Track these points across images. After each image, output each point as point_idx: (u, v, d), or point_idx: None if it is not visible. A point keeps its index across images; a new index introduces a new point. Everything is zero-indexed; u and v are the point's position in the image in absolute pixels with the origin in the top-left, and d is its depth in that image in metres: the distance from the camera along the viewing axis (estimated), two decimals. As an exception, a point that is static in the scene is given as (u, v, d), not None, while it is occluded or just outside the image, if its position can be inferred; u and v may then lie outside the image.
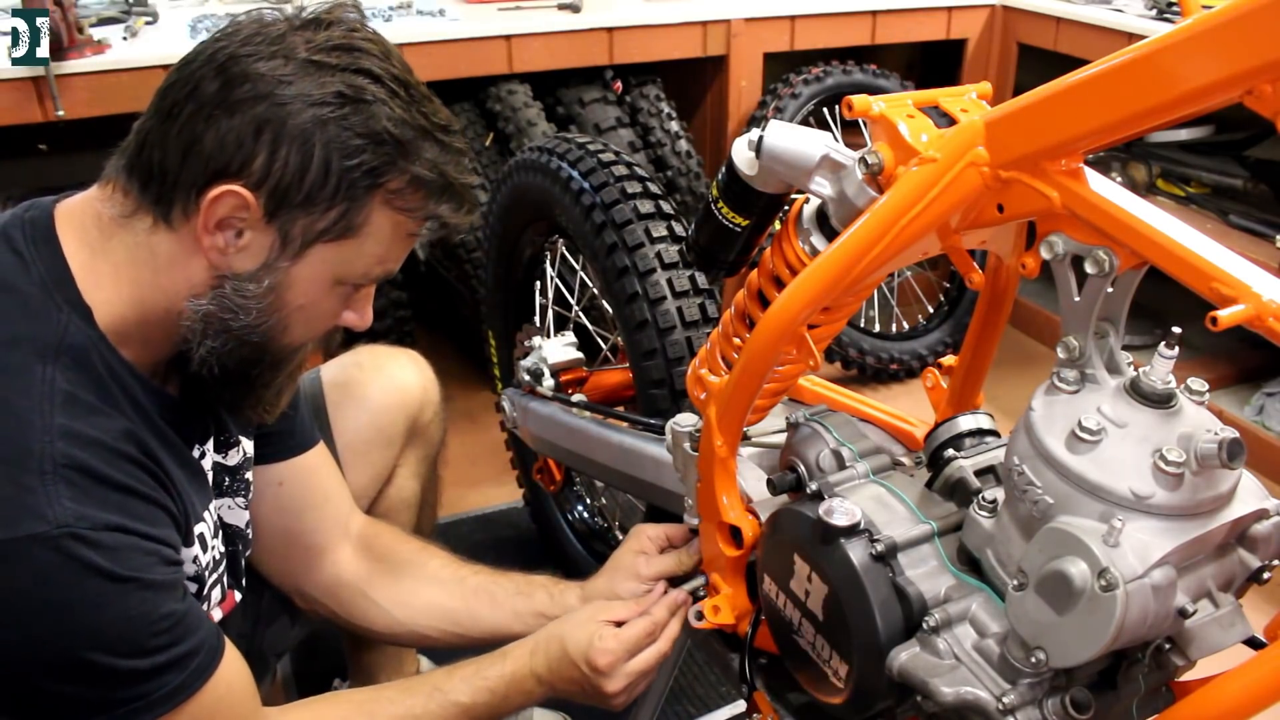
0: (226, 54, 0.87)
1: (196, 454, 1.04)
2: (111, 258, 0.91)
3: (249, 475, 1.16)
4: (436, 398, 1.48)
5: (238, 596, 1.15)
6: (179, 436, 0.99)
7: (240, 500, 1.15)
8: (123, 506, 0.87)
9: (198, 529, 1.01)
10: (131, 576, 0.85)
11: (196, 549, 1.01)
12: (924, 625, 0.87)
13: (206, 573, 1.04)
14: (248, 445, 1.15)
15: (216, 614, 1.09)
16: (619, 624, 1.12)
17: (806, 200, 1.02)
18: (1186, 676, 0.87)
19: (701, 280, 1.42)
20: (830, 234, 0.98)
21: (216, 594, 1.08)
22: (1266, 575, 0.82)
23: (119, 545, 0.85)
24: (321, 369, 1.41)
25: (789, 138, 0.99)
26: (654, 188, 1.49)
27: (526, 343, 1.76)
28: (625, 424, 1.45)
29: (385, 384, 1.41)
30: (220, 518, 1.10)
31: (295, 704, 1.07)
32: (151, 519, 0.90)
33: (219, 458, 1.10)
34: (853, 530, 0.90)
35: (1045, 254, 0.81)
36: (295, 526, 1.25)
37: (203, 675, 0.91)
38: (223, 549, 1.10)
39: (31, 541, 0.81)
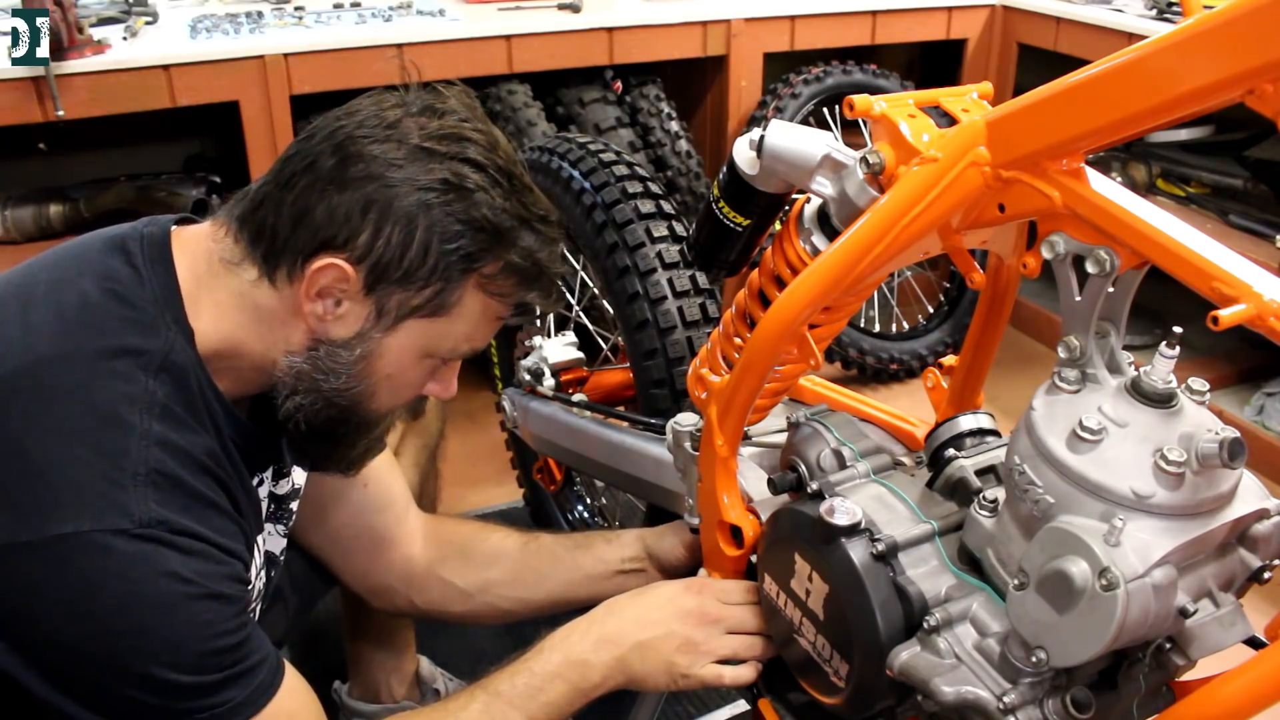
0: (344, 134, 0.92)
1: (255, 482, 1.07)
2: (215, 295, 0.95)
3: (294, 505, 1.19)
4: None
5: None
6: (245, 464, 1.02)
7: (281, 528, 1.18)
8: (204, 518, 0.90)
9: (253, 556, 1.04)
10: (203, 584, 0.88)
11: (251, 573, 1.03)
12: (925, 625, 0.87)
13: (253, 598, 1.06)
14: (298, 476, 1.18)
15: None
16: None
17: (807, 200, 1.02)
18: (1186, 676, 0.87)
19: (702, 280, 1.42)
20: (831, 234, 0.98)
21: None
22: (1267, 575, 0.82)
23: (196, 551, 0.88)
24: None
25: (790, 137, 0.99)
26: (655, 187, 1.49)
27: (527, 342, 1.76)
28: (626, 424, 1.45)
29: None
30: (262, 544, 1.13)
31: None
32: (229, 534, 0.93)
33: (273, 486, 1.13)
34: (853, 530, 0.90)
35: (1046, 254, 0.81)
36: (379, 524, 1.29)
37: (267, 693, 0.93)
38: (265, 577, 1.12)
39: (115, 535, 0.84)
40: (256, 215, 0.94)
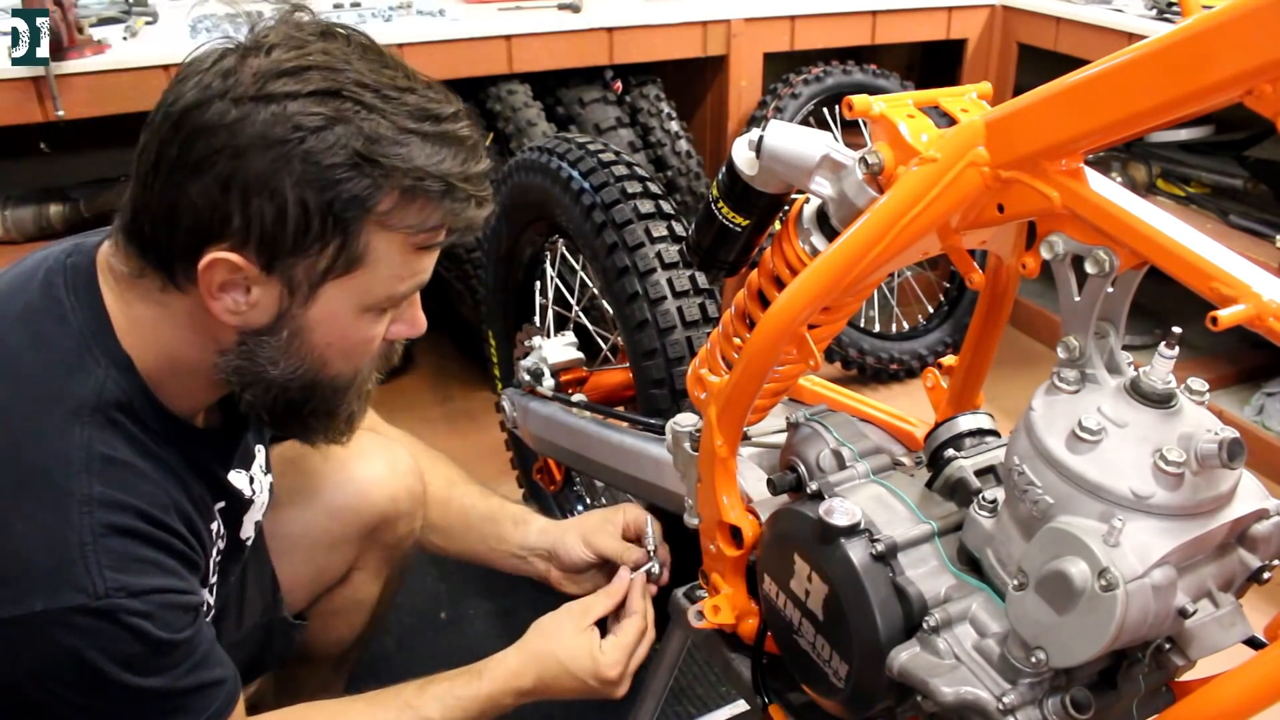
0: (179, 109, 0.83)
1: (240, 480, 1.06)
2: (137, 311, 0.90)
3: (269, 485, 1.18)
4: (411, 505, 1.33)
5: None
6: (220, 466, 1.00)
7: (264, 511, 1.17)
8: (159, 570, 0.88)
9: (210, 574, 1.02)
10: (174, 639, 0.88)
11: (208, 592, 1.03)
12: (924, 625, 0.87)
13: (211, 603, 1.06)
14: (260, 463, 1.15)
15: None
16: (599, 622, 1.17)
17: (806, 200, 1.02)
18: (1186, 676, 0.87)
19: (702, 280, 1.42)
20: (830, 234, 0.98)
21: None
22: (1266, 575, 0.82)
23: (154, 606, 0.86)
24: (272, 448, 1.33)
25: (789, 138, 0.99)
26: (654, 188, 1.49)
27: (526, 343, 1.76)
28: (625, 424, 1.45)
29: (342, 482, 1.29)
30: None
31: (263, 716, 1.04)
32: (183, 576, 0.91)
33: (263, 477, 1.13)
34: (853, 530, 0.90)
35: (1045, 254, 0.81)
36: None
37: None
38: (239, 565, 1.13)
39: (73, 612, 0.82)
40: (136, 225, 0.87)
